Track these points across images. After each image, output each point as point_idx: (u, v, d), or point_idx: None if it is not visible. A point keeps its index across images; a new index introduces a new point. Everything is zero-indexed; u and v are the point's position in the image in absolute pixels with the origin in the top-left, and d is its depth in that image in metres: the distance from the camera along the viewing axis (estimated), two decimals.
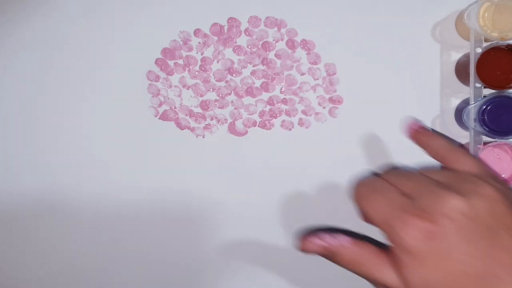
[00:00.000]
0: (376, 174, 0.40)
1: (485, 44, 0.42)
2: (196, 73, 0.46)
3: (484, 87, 0.42)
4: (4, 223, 0.47)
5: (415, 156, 0.47)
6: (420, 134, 0.43)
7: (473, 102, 0.42)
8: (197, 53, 0.46)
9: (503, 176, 0.44)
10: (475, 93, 0.42)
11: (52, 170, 0.47)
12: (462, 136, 0.46)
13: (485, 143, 0.43)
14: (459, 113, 0.45)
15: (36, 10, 0.45)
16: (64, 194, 0.47)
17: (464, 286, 0.34)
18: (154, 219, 0.47)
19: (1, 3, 0.45)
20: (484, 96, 0.42)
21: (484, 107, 0.42)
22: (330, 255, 0.38)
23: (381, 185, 0.39)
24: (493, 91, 0.43)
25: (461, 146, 0.46)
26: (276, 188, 0.47)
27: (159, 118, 0.47)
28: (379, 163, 0.47)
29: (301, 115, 0.47)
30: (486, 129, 0.42)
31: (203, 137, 0.47)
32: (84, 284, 0.48)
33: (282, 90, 0.46)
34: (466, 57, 0.43)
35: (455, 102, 0.46)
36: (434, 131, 0.45)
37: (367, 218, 0.38)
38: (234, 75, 0.46)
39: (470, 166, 0.39)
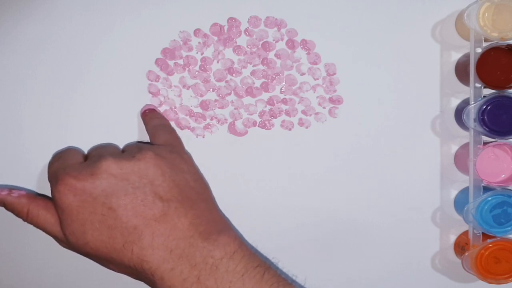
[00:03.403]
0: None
1: (485, 44, 0.42)
2: (196, 73, 0.46)
3: (484, 87, 0.42)
4: (4, 223, 0.47)
5: (414, 156, 0.47)
6: (145, 115, 0.45)
7: (473, 102, 0.42)
8: (197, 53, 0.46)
9: (502, 176, 0.44)
10: (475, 93, 0.42)
11: None
12: (462, 136, 0.46)
13: (485, 143, 0.43)
14: (459, 113, 0.45)
15: (35, 11, 0.45)
16: None
17: (109, 236, 0.38)
18: None
19: (1, 3, 0.45)
20: (484, 96, 0.42)
21: (484, 107, 0.42)
22: (3, 205, 0.42)
23: (68, 153, 0.42)
24: (493, 91, 0.43)
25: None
26: (275, 188, 0.47)
27: None
28: (378, 163, 0.47)
29: (301, 115, 0.47)
30: (486, 129, 0.42)
31: (203, 137, 0.47)
32: (83, 284, 0.48)
33: (282, 90, 0.46)
34: (466, 57, 0.43)
35: (455, 102, 0.46)
36: (159, 114, 0.46)
37: None
38: (234, 75, 0.46)
39: (162, 140, 0.43)
